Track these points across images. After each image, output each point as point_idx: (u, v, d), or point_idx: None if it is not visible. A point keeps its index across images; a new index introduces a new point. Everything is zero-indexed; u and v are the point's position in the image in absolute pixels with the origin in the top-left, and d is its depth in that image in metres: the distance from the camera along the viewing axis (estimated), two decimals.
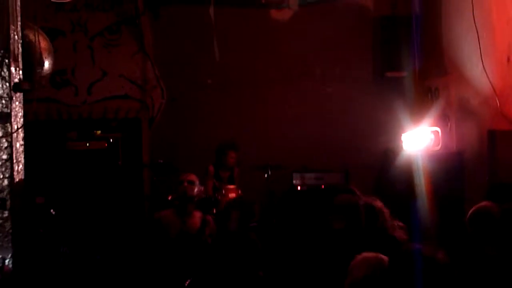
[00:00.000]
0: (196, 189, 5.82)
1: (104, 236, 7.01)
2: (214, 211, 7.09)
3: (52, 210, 6.85)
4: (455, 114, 7.21)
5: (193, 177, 5.88)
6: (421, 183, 6.26)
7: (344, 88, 8.61)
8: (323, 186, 8.09)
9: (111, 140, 7.86)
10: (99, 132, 7.95)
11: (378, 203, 4.09)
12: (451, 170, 6.70)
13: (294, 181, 8.19)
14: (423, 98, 7.87)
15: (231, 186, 7.50)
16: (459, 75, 7.03)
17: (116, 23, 8.63)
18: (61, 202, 7.20)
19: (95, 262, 6.38)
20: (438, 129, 6.91)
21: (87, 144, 7.67)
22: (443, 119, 7.23)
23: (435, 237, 5.64)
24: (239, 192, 7.43)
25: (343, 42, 8.58)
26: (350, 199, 4.09)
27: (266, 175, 7.70)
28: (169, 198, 7.17)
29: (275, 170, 7.73)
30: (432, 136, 6.86)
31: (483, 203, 4.02)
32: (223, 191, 7.35)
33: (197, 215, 5.79)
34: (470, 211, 4.00)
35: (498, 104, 5.99)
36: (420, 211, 5.89)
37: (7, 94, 3.96)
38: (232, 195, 7.34)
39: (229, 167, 7.70)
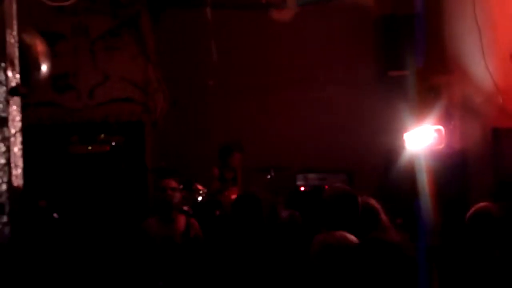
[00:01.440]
0: (178, 195, 5.75)
1: (106, 239, 6.99)
2: (218, 213, 7.06)
3: (55, 214, 6.84)
4: (458, 112, 7.18)
5: (174, 184, 5.78)
6: (425, 182, 6.22)
7: (346, 88, 8.55)
8: (326, 187, 8.05)
9: (113, 144, 7.85)
10: (102, 135, 7.93)
11: (373, 201, 4.02)
12: (454, 168, 6.67)
13: (297, 182, 8.15)
14: (426, 96, 7.81)
15: (234, 188, 7.47)
16: (462, 73, 6.99)
17: (117, 26, 8.62)
18: (64, 206, 7.20)
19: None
20: (441, 127, 6.87)
21: (89, 148, 7.66)
22: (446, 118, 7.19)
23: (439, 236, 5.60)
24: None
25: (344, 42, 8.53)
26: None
27: (268, 177, 7.66)
28: None
29: (278, 171, 7.69)
30: (435, 134, 6.82)
31: (482, 204, 3.97)
32: (226, 193, 7.31)
33: (181, 219, 5.71)
34: (470, 211, 3.96)
35: (502, 102, 5.95)
36: (423, 210, 5.84)
37: (4, 98, 3.93)
38: (234, 196, 7.30)
39: (233, 168, 7.67)
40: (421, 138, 6.81)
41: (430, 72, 7.83)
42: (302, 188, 8.15)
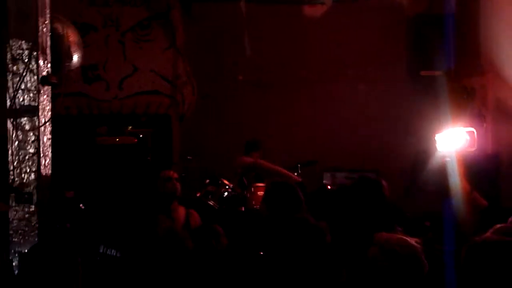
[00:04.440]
0: (179, 186, 5.56)
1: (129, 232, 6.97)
2: (243, 208, 7.02)
3: (81, 205, 6.84)
4: (491, 114, 7.04)
5: (176, 175, 5.63)
6: (455, 184, 6.09)
7: (377, 87, 8.46)
8: None
9: (141, 136, 7.85)
10: (130, 127, 7.95)
11: None
12: (486, 172, 6.52)
13: (324, 180, 8.07)
14: (458, 97, 7.69)
15: (261, 184, 7.40)
16: (496, 75, 6.85)
17: (148, 18, 8.63)
18: (91, 197, 7.21)
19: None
20: (473, 129, 6.72)
21: (117, 139, 7.67)
22: (479, 120, 7.05)
23: (469, 239, 5.48)
24: None
25: (377, 40, 8.44)
26: None
27: (295, 173, 7.58)
28: (198, 195, 7.12)
29: (305, 166, 7.58)
30: (468, 137, 6.67)
31: None
32: (252, 189, 7.26)
33: (181, 210, 5.55)
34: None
35: None
36: (453, 212, 5.73)
37: (35, 87, 3.94)
38: (261, 193, 7.24)
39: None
40: (453, 140, 6.67)
41: (463, 73, 7.71)
42: (329, 187, 8.05)
